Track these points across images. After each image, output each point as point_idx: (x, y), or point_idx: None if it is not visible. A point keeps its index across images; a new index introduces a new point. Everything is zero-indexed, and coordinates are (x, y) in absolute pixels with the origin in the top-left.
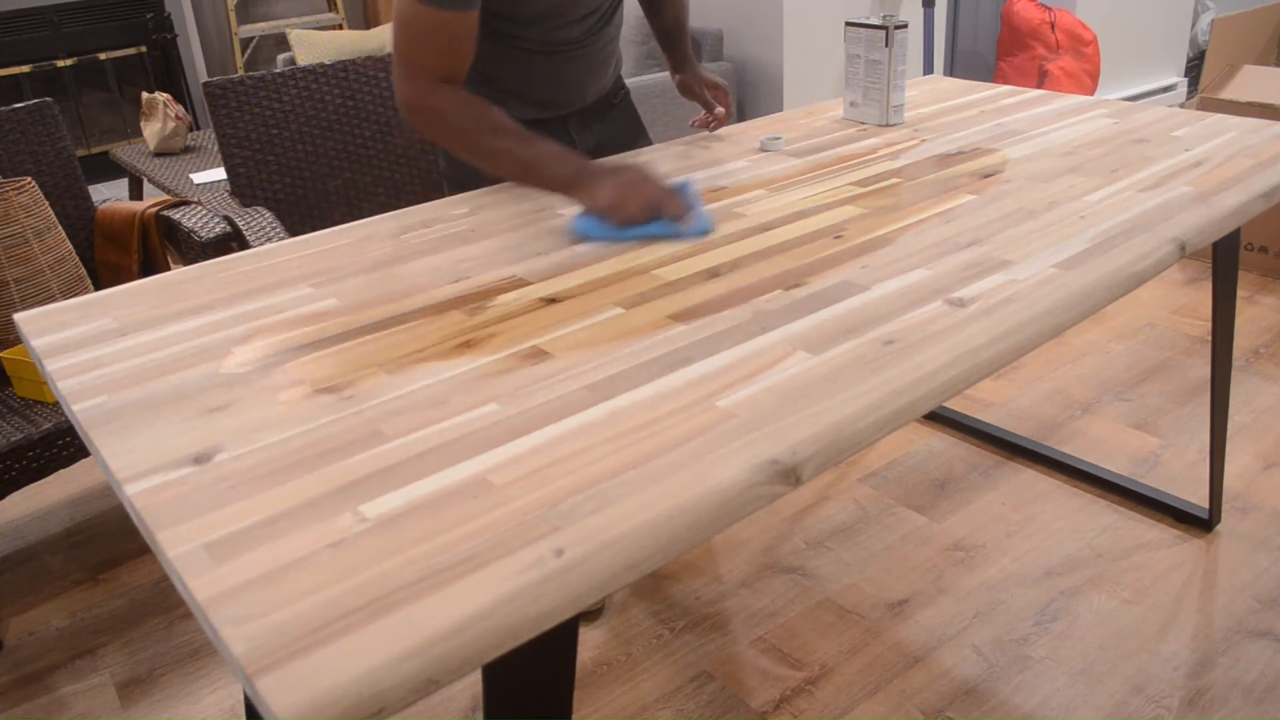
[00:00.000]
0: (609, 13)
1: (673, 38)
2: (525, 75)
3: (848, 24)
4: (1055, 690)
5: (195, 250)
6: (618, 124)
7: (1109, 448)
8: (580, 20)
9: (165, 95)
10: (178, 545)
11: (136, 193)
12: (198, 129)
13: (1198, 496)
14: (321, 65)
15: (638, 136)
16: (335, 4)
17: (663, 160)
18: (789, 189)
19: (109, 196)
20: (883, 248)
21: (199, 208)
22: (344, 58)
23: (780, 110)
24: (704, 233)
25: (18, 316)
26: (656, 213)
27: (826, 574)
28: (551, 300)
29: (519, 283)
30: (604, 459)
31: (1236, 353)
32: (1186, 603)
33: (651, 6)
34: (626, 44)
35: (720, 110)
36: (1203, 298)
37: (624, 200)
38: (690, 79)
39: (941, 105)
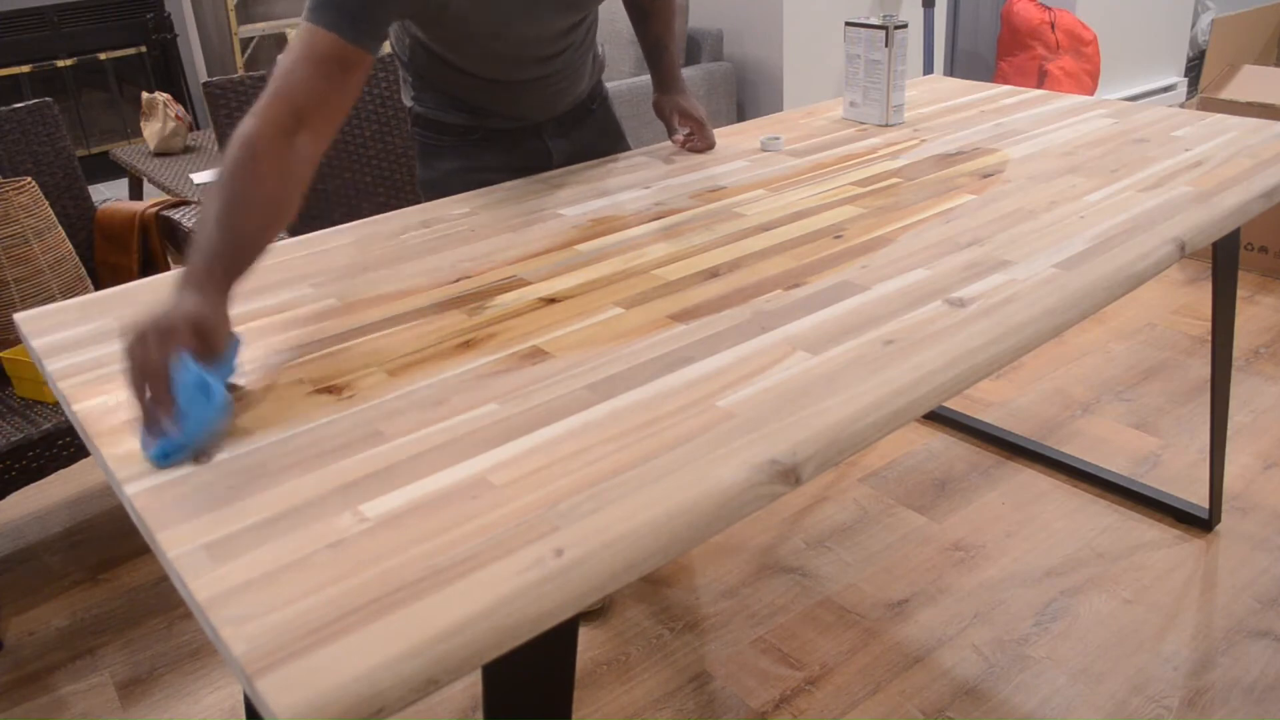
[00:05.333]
0: (573, 44)
1: (654, 57)
2: (488, 98)
3: (848, 24)
4: (1055, 690)
5: None
6: (595, 130)
7: (1109, 448)
8: (538, 63)
9: (165, 95)
10: (178, 545)
11: (136, 193)
12: (198, 129)
13: (1198, 496)
14: None
15: (616, 143)
16: None
17: (663, 161)
18: (789, 189)
19: (109, 196)
20: (883, 248)
21: (199, 208)
22: None
23: (780, 110)
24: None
25: (18, 316)
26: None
27: (826, 574)
28: (551, 300)
29: (519, 283)
30: (604, 459)
31: (1236, 353)
32: (1186, 603)
33: (637, 25)
34: (626, 44)
35: (678, 137)
36: (1203, 298)
37: (134, 347)
38: (664, 101)
39: (941, 105)
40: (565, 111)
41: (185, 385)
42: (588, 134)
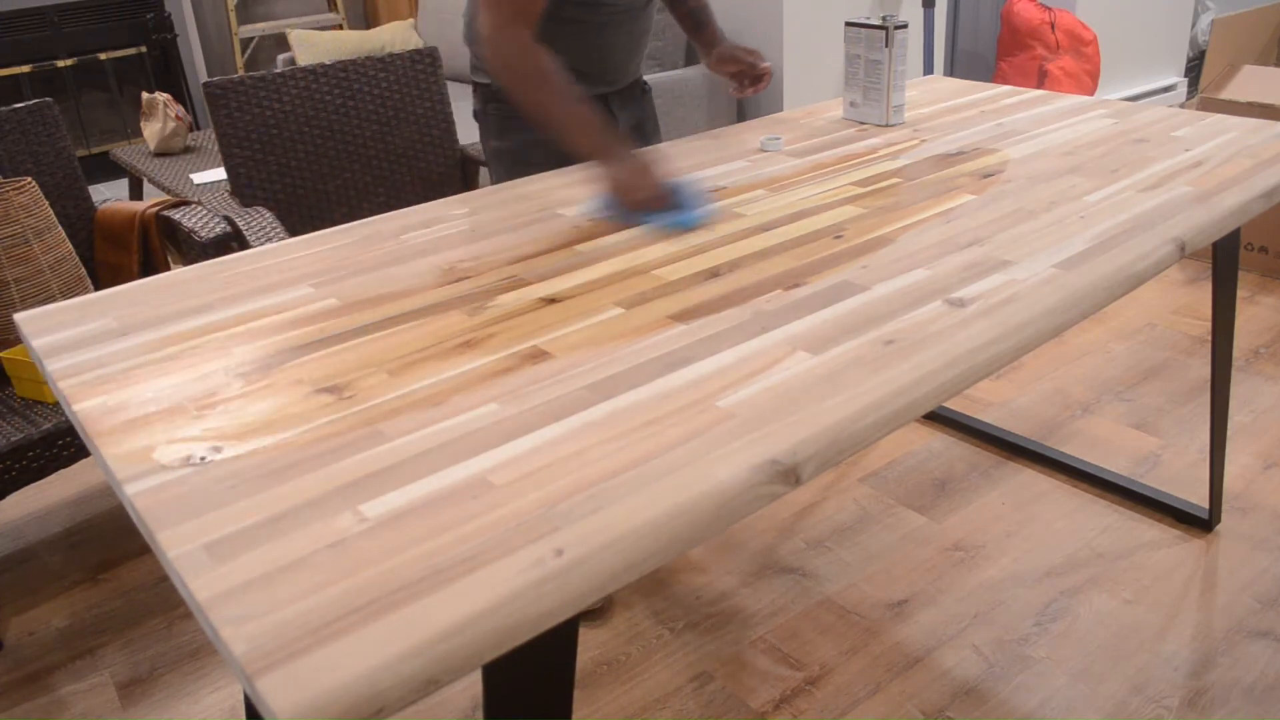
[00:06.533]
0: None
1: (698, 19)
2: (577, 46)
3: (848, 24)
4: (1055, 690)
5: (195, 250)
6: (645, 112)
7: (1109, 448)
8: None
9: (165, 95)
10: (178, 545)
11: (136, 193)
12: (198, 129)
13: (1198, 496)
14: (321, 65)
15: (654, 133)
16: (335, 4)
17: (663, 160)
18: (789, 189)
19: (109, 196)
20: (883, 248)
21: (199, 208)
22: (344, 58)
23: (780, 110)
24: (691, 223)
25: (18, 316)
26: (654, 205)
27: (826, 574)
28: (551, 300)
29: (519, 283)
30: (604, 459)
31: (1236, 353)
32: (1186, 603)
33: (675, 5)
34: None
35: (765, 65)
36: (1203, 298)
37: (629, 188)
38: (723, 51)
39: (941, 105)
40: (627, 86)
41: (685, 192)
42: (640, 112)
